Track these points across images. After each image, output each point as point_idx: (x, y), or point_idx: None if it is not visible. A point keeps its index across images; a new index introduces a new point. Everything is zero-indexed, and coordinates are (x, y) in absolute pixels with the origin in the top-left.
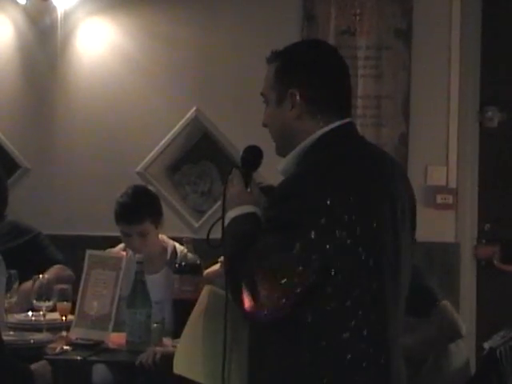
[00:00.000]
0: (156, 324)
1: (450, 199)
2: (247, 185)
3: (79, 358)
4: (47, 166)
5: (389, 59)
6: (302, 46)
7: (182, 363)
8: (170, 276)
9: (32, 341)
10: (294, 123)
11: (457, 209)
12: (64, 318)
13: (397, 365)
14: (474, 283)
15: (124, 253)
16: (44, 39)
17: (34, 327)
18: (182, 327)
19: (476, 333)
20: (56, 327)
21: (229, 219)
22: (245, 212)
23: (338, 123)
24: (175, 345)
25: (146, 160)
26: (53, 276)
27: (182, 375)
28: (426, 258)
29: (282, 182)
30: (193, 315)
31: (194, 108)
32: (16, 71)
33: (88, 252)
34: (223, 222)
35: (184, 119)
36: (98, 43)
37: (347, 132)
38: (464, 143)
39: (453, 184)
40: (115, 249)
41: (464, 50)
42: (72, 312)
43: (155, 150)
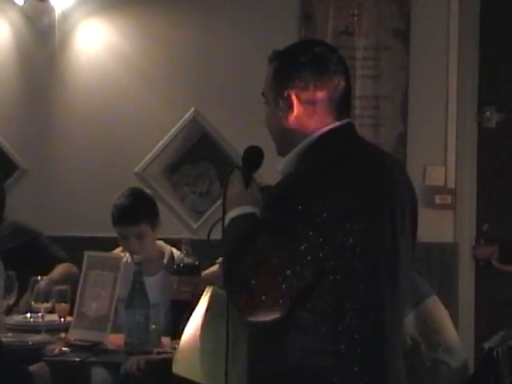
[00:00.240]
0: (154, 325)
1: (449, 199)
2: (248, 185)
3: (78, 360)
4: (45, 167)
5: (387, 60)
6: (300, 47)
7: (182, 363)
8: (167, 279)
9: (30, 342)
10: (291, 124)
11: (455, 209)
12: (62, 320)
13: (395, 365)
14: (473, 283)
15: (122, 254)
16: (42, 40)
17: (33, 328)
18: (180, 328)
19: (474, 333)
20: (54, 328)
21: (228, 219)
22: (244, 212)
23: (337, 124)
24: (174, 346)
25: (145, 161)
26: (62, 274)
27: (182, 375)
28: (425, 258)
29: (278, 183)
30: (194, 315)
31: (193, 109)
32: (14, 72)
33: (86, 253)
34: (223, 223)
35: (182, 120)
36: (96, 44)
37: (346, 132)
38: (462, 143)
39: (451, 184)
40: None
41: (462, 51)
42: (70, 313)
43: (154, 151)
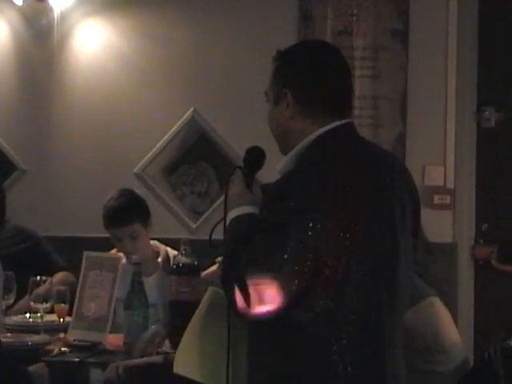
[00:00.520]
0: (153, 325)
1: (448, 199)
2: (250, 185)
3: (77, 360)
4: (44, 168)
5: (386, 59)
6: (300, 47)
7: (183, 363)
8: (163, 279)
9: (29, 342)
10: (289, 123)
11: (454, 209)
12: (61, 320)
13: (395, 366)
14: (472, 283)
15: (121, 254)
16: (40, 40)
17: (32, 329)
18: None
19: (474, 332)
20: (53, 329)
21: (229, 220)
22: (244, 213)
23: (335, 124)
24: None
25: (144, 161)
26: (59, 283)
27: (182, 375)
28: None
29: (275, 182)
30: (195, 316)
31: (191, 109)
32: (12, 72)
33: (85, 253)
34: (225, 223)
35: (181, 120)
36: (95, 44)
37: (345, 132)
38: (461, 143)
39: (450, 184)
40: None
41: (461, 50)
42: (69, 313)
43: (152, 151)
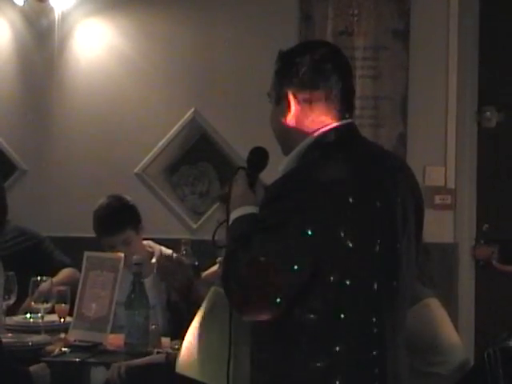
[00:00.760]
0: (154, 326)
1: (449, 199)
2: (253, 186)
3: (77, 360)
4: (45, 168)
5: (386, 60)
6: (301, 47)
7: (185, 363)
8: (159, 280)
9: (30, 343)
10: (290, 123)
11: (455, 209)
12: (62, 320)
13: (396, 366)
14: (473, 283)
15: (122, 254)
16: (41, 40)
17: (32, 329)
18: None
19: (475, 333)
20: (54, 329)
21: (231, 220)
22: (246, 213)
23: (337, 124)
24: (173, 346)
25: (144, 161)
26: (65, 278)
27: (185, 375)
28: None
29: (274, 182)
30: (198, 316)
31: (192, 109)
32: (13, 72)
33: (86, 254)
34: (228, 223)
35: (182, 120)
36: (96, 44)
37: (346, 133)
38: (462, 143)
39: (451, 184)
40: None
41: (462, 50)
42: (70, 314)
43: (153, 151)
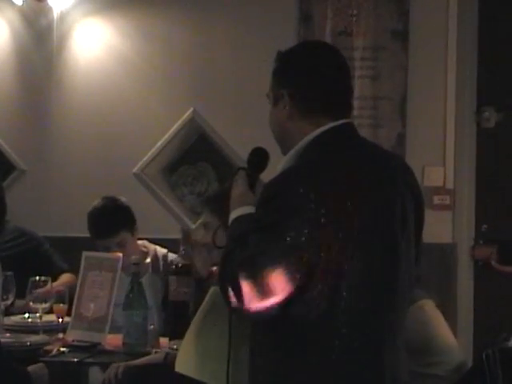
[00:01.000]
0: (152, 325)
1: (448, 200)
2: (253, 186)
3: (76, 360)
4: (43, 168)
5: (385, 60)
6: (298, 48)
7: (184, 362)
8: (155, 280)
9: (28, 343)
10: (287, 124)
11: (454, 209)
12: (60, 320)
13: (394, 366)
14: (472, 284)
15: (121, 254)
16: (40, 40)
17: (31, 329)
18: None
19: (473, 333)
20: (52, 329)
21: (230, 220)
22: (245, 213)
23: (334, 124)
24: (172, 346)
25: (143, 161)
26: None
27: (184, 374)
28: (423, 259)
29: (270, 181)
30: (197, 315)
31: (191, 109)
32: (12, 72)
33: (84, 254)
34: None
35: (181, 120)
36: (94, 44)
37: (344, 132)
38: (461, 144)
39: (450, 185)
40: None
41: (461, 51)
42: (68, 314)
43: (152, 151)
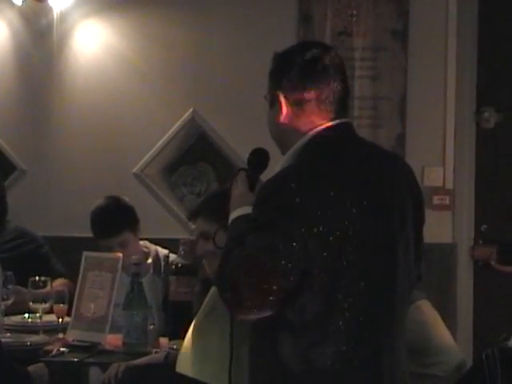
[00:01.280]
0: (152, 325)
1: (447, 200)
2: (253, 187)
3: (76, 360)
4: (44, 168)
5: (385, 60)
6: (294, 48)
7: (185, 362)
8: (155, 280)
9: (28, 343)
10: (284, 125)
11: (454, 209)
12: (60, 320)
13: (393, 366)
14: (471, 284)
15: (121, 254)
16: (40, 40)
17: (31, 329)
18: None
19: (473, 333)
20: (52, 329)
21: (230, 220)
22: (245, 213)
23: (330, 124)
24: (172, 346)
25: (143, 161)
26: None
27: (185, 374)
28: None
29: (266, 181)
30: (198, 315)
31: (191, 109)
32: (12, 72)
33: (84, 254)
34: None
35: (180, 120)
36: (94, 44)
37: (341, 132)
38: (461, 144)
39: (450, 185)
40: None
41: (460, 51)
42: (68, 314)
43: (152, 152)
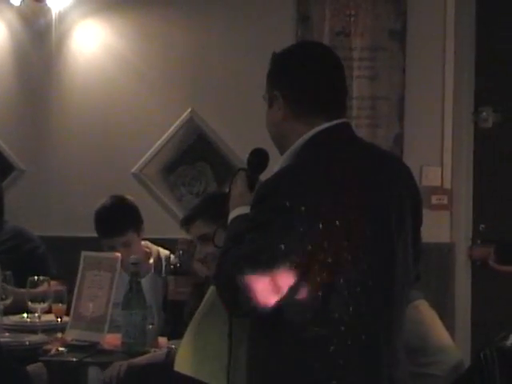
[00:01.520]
0: (151, 325)
1: (445, 200)
2: (253, 187)
3: (74, 360)
4: (42, 168)
5: (383, 60)
6: (292, 49)
7: (184, 361)
8: (157, 281)
9: (27, 342)
10: (282, 125)
11: (452, 209)
12: (59, 320)
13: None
14: (469, 284)
15: (119, 254)
16: (39, 41)
17: (29, 329)
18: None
19: (471, 333)
20: (51, 329)
21: (229, 220)
22: (243, 213)
23: (328, 124)
24: (170, 346)
25: (142, 161)
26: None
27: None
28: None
29: (265, 181)
30: (197, 314)
31: (189, 109)
32: (11, 73)
33: (83, 253)
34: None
35: (179, 120)
36: (93, 45)
37: (339, 133)
38: (459, 144)
39: (448, 185)
40: None
41: (458, 51)
42: (67, 313)
43: (150, 151)
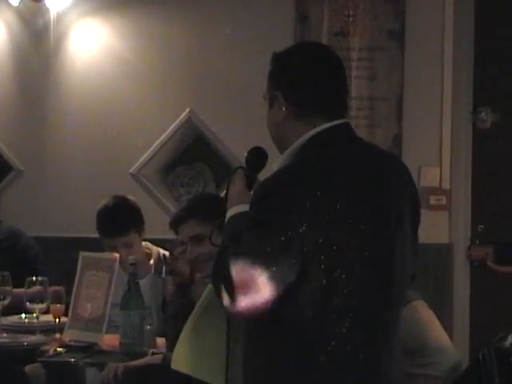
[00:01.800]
0: (149, 326)
1: (444, 200)
2: (251, 185)
3: (73, 360)
4: (40, 168)
5: (382, 60)
6: (292, 49)
7: (181, 359)
8: (156, 281)
9: (25, 343)
10: (283, 125)
11: (450, 210)
12: (57, 320)
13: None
14: (468, 284)
15: (117, 254)
16: (37, 41)
17: (28, 329)
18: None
19: (469, 334)
20: (49, 329)
21: (227, 218)
22: (241, 211)
23: (329, 124)
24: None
25: (140, 161)
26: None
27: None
28: (420, 259)
29: (264, 181)
30: (194, 312)
31: (188, 109)
32: (9, 73)
33: (81, 254)
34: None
35: (177, 121)
36: (91, 45)
37: (339, 133)
38: (457, 144)
39: (446, 185)
40: None
41: (457, 51)
42: (65, 314)
43: (149, 152)
